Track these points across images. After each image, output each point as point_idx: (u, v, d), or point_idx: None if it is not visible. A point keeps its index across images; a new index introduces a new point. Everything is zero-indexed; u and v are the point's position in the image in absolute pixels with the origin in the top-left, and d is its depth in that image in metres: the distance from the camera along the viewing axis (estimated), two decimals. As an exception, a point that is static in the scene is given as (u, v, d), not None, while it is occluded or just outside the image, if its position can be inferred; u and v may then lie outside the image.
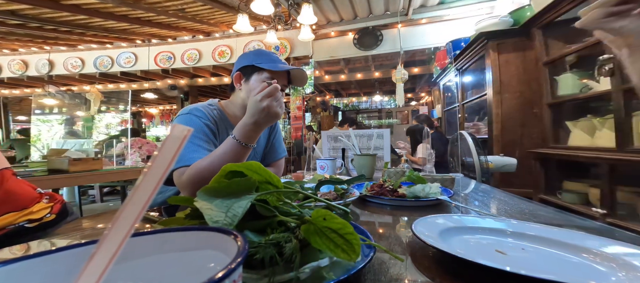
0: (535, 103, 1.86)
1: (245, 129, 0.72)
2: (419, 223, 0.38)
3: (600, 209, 1.40)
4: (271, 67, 0.86)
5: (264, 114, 0.70)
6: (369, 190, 0.76)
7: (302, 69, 0.93)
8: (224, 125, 0.90)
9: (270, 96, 0.70)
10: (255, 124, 0.72)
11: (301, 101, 4.11)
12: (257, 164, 0.28)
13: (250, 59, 0.88)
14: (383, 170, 0.94)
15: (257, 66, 0.87)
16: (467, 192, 0.85)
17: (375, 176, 1.12)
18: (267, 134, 1.10)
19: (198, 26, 3.84)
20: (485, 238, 0.39)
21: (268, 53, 0.91)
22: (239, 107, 0.92)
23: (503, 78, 1.95)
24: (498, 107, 1.96)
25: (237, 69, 0.90)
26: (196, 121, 0.82)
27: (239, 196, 0.24)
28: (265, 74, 0.87)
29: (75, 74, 4.59)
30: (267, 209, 0.26)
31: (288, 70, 0.91)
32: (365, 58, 4.12)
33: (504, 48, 1.96)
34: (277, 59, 0.91)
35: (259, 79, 0.87)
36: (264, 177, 0.28)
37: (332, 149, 1.28)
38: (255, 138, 0.74)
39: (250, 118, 0.71)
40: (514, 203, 0.70)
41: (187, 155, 0.76)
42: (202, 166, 0.72)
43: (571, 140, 1.64)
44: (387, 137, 1.18)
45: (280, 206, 0.28)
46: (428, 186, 0.66)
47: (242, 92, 0.90)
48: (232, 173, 0.27)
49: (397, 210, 0.61)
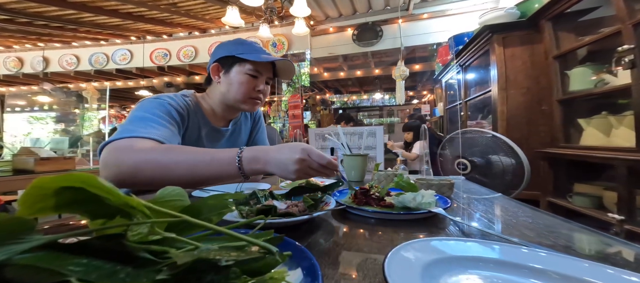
0: (544, 100, 1.73)
1: (260, 156, 0.52)
2: (394, 259, 0.27)
3: (617, 214, 1.28)
4: (254, 58, 0.76)
5: (291, 171, 0.51)
6: (353, 197, 0.65)
7: (288, 60, 0.83)
8: (197, 118, 0.79)
9: (314, 162, 0.52)
10: (273, 164, 0.52)
11: (300, 99, 4.00)
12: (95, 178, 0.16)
13: (230, 49, 0.78)
14: (373, 173, 0.82)
15: (238, 56, 0.76)
16: (468, 200, 0.73)
17: (367, 177, 1.01)
18: (249, 129, 1.00)
19: (193, 22, 3.74)
20: (492, 277, 0.28)
21: (250, 43, 0.81)
22: (217, 102, 0.82)
23: (509, 74, 1.83)
24: (503, 104, 1.84)
25: (215, 60, 0.80)
26: (163, 101, 0.69)
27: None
28: (248, 66, 0.77)
29: (70, 71, 4.54)
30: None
31: (273, 61, 0.81)
32: (364, 55, 3.99)
33: (510, 42, 1.84)
34: (260, 49, 0.80)
35: (241, 72, 0.77)
36: (122, 200, 0.17)
37: (321, 148, 1.17)
38: (256, 174, 0.56)
39: (276, 158, 0.52)
40: (527, 215, 0.58)
41: (141, 128, 0.58)
42: (160, 154, 0.51)
43: (584, 139, 1.51)
44: (381, 135, 1.06)
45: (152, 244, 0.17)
46: (420, 195, 0.54)
47: (221, 86, 0.80)
48: (64, 191, 0.16)
49: (382, 226, 0.50)
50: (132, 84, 4.95)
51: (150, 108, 0.65)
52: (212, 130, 0.83)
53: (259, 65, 0.78)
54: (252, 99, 0.80)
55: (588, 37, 1.42)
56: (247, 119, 0.98)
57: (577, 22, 1.58)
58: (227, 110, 0.84)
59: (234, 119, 0.91)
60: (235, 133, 0.93)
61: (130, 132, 0.56)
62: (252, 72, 0.77)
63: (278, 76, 0.87)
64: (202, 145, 0.80)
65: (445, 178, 0.91)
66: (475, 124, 2.50)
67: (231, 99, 0.79)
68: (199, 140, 0.80)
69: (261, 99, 0.83)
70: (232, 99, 0.79)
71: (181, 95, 0.78)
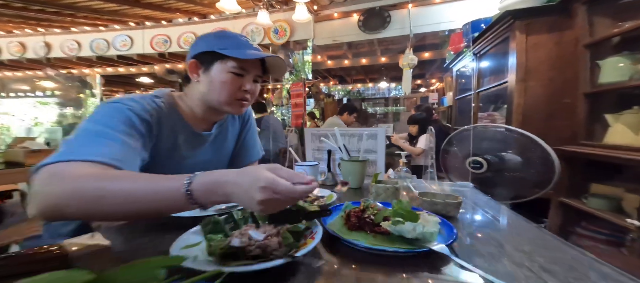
0: (568, 92, 1.58)
1: (218, 186, 0.40)
2: None
3: (637, 220, 1.17)
4: (238, 54, 0.65)
5: (254, 204, 0.38)
6: (345, 218, 0.57)
7: (279, 57, 0.72)
8: (172, 122, 0.69)
9: (279, 194, 0.38)
10: (235, 195, 0.40)
11: (302, 88, 3.87)
12: None
13: (211, 44, 0.67)
14: (371, 184, 0.73)
15: (220, 52, 0.65)
16: (478, 225, 0.64)
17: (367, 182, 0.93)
18: (237, 131, 0.90)
19: (192, 7, 3.61)
20: None
21: (234, 35, 0.70)
22: (197, 103, 0.72)
23: (530, 63, 1.67)
24: (521, 96, 1.70)
25: (193, 56, 0.69)
26: (122, 107, 0.58)
27: None
28: (232, 63, 0.66)
29: (72, 57, 4.51)
30: None
31: (261, 58, 0.70)
32: (370, 42, 3.79)
33: (535, 28, 1.66)
34: (246, 44, 0.69)
35: (224, 70, 0.66)
36: None
37: (317, 150, 1.08)
38: (217, 204, 0.44)
39: (237, 184, 0.39)
40: (549, 249, 0.49)
41: (85, 146, 0.48)
42: (90, 183, 0.41)
43: (609, 136, 1.38)
44: (382, 138, 0.96)
45: None
46: (421, 225, 0.45)
47: (200, 86, 0.69)
48: None
49: (375, 264, 0.42)
50: (134, 70, 4.90)
51: (104, 117, 0.55)
52: (191, 135, 0.73)
53: (245, 62, 0.67)
54: (238, 100, 0.70)
55: (628, 23, 1.25)
56: (234, 119, 0.88)
57: (616, 5, 1.40)
58: (210, 112, 0.73)
59: (219, 122, 0.81)
60: (221, 136, 0.83)
61: (69, 153, 0.46)
62: (236, 70, 0.67)
63: (269, 73, 0.77)
64: (179, 154, 0.71)
65: (451, 192, 0.82)
66: (487, 116, 2.36)
67: (213, 100, 0.69)
68: (175, 149, 0.70)
69: (248, 100, 0.72)
70: (214, 101, 0.69)
71: (152, 97, 0.67)
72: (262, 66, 0.73)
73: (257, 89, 0.74)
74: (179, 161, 0.72)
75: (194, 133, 0.74)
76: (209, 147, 0.79)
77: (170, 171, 0.70)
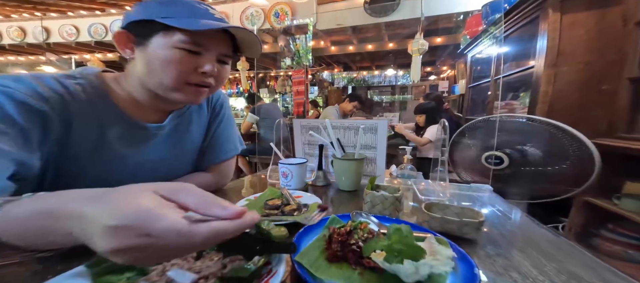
0: (609, 78, 1.38)
1: (49, 220, 0.26)
2: None
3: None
4: (187, 24, 0.47)
5: (106, 253, 0.22)
6: (326, 243, 0.42)
7: (249, 31, 0.53)
8: (98, 109, 0.52)
9: (155, 238, 0.22)
10: (82, 236, 0.24)
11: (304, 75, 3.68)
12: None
13: (150, 11, 0.48)
14: (366, 191, 0.57)
15: (161, 22, 0.47)
16: (504, 260, 0.48)
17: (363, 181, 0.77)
18: (205, 122, 0.73)
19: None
20: None
21: (187, 1, 0.51)
22: (137, 87, 0.55)
23: (563, 46, 1.46)
24: (549, 83, 1.49)
25: (125, 26, 0.51)
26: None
27: None
28: (180, 36, 0.48)
29: (71, 42, 4.43)
30: None
31: (224, 29, 0.51)
32: (377, 26, 3.53)
33: (572, 6, 1.45)
34: (203, 12, 0.50)
35: (167, 45, 0.48)
36: None
37: (307, 144, 0.92)
38: (55, 247, 0.30)
39: (82, 221, 0.23)
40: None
41: None
42: None
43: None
44: (383, 131, 0.80)
45: None
46: (428, 265, 0.30)
47: (137, 65, 0.52)
48: None
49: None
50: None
51: None
52: (131, 128, 0.57)
53: (201, 36, 0.49)
54: (190, 85, 0.53)
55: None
56: (200, 108, 0.71)
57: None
58: (155, 99, 0.56)
59: (176, 111, 0.64)
60: (180, 129, 0.66)
61: None
62: (186, 45, 0.49)
63: (240, 51, 0.59)
64: (112, 152, 0.54)
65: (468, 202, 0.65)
66: (505, 105, 2.14)
67: (153, 84, 0.52)
68: (103, 145, 0.53)
69: (209, 85, 0.54)
70: (155, 85, 0.52)
71: (61, 77, 0.50)
72: (234, 44, 0.56)
73: (224, 72, 0.56)
74: (114, 161, 0.55)
75: (134, 124, 0.57)
76: (161, 143, 0.62)
77: (100, 175, 0.53)
